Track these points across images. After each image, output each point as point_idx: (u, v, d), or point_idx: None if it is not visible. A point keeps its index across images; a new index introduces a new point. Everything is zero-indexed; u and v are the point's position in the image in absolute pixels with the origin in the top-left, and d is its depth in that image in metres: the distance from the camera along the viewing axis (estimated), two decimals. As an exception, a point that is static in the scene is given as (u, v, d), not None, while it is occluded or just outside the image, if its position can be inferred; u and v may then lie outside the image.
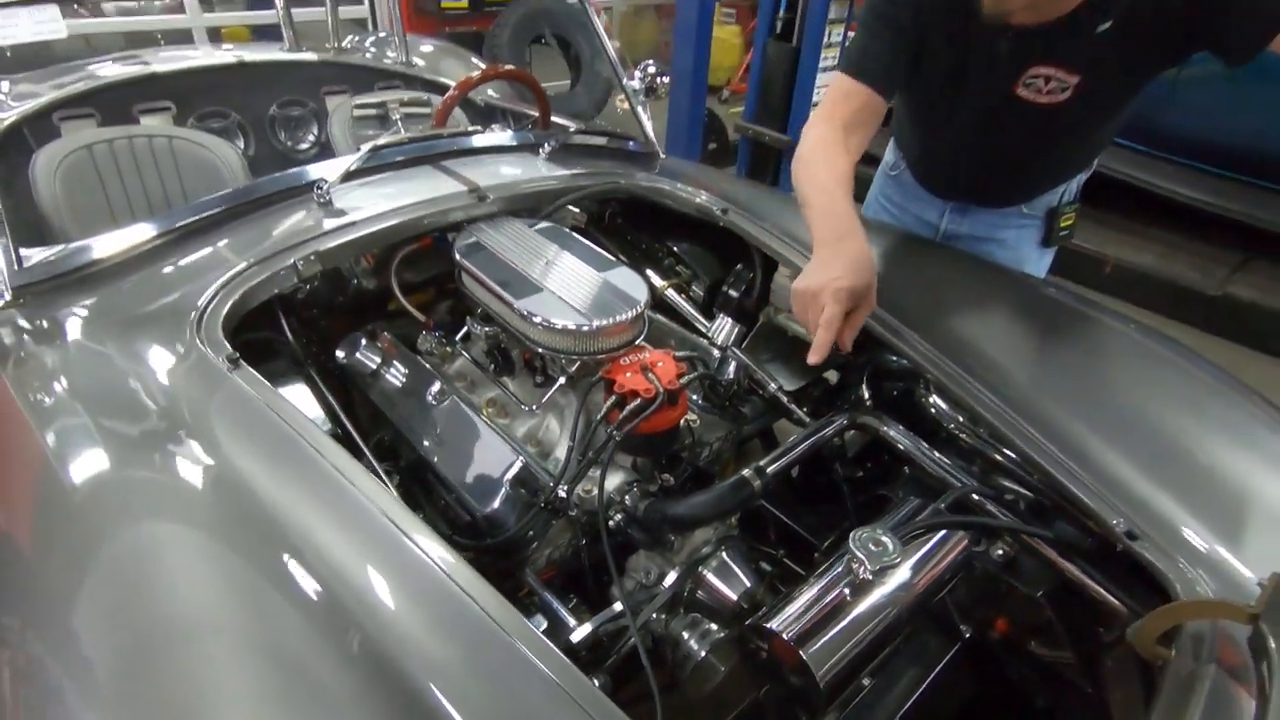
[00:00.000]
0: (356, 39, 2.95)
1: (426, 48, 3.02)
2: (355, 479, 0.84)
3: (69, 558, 0.78)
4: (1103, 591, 1.01)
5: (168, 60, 2.18)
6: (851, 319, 1.03)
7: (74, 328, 1.09)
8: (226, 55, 2.23)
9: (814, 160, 1.19)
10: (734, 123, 4.90)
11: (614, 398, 1.07)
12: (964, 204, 1.53)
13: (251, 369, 0.98)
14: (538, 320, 1.12)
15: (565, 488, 1.04)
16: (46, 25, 1.20)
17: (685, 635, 1.06)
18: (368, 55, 2.75)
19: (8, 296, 1.13)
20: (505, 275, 1.20)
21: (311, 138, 2.47)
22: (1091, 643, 1.11)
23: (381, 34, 3.33)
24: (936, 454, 1.22)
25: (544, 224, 1.38)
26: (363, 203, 1.30)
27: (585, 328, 1.10)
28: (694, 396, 1.31)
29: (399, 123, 1.51)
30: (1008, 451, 1.16)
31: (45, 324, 1.10)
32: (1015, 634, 1.18)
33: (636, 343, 1.17)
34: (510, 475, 1.06)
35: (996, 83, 1.21)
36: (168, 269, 1.17)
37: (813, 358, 1.01)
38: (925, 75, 1.29)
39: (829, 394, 1.56)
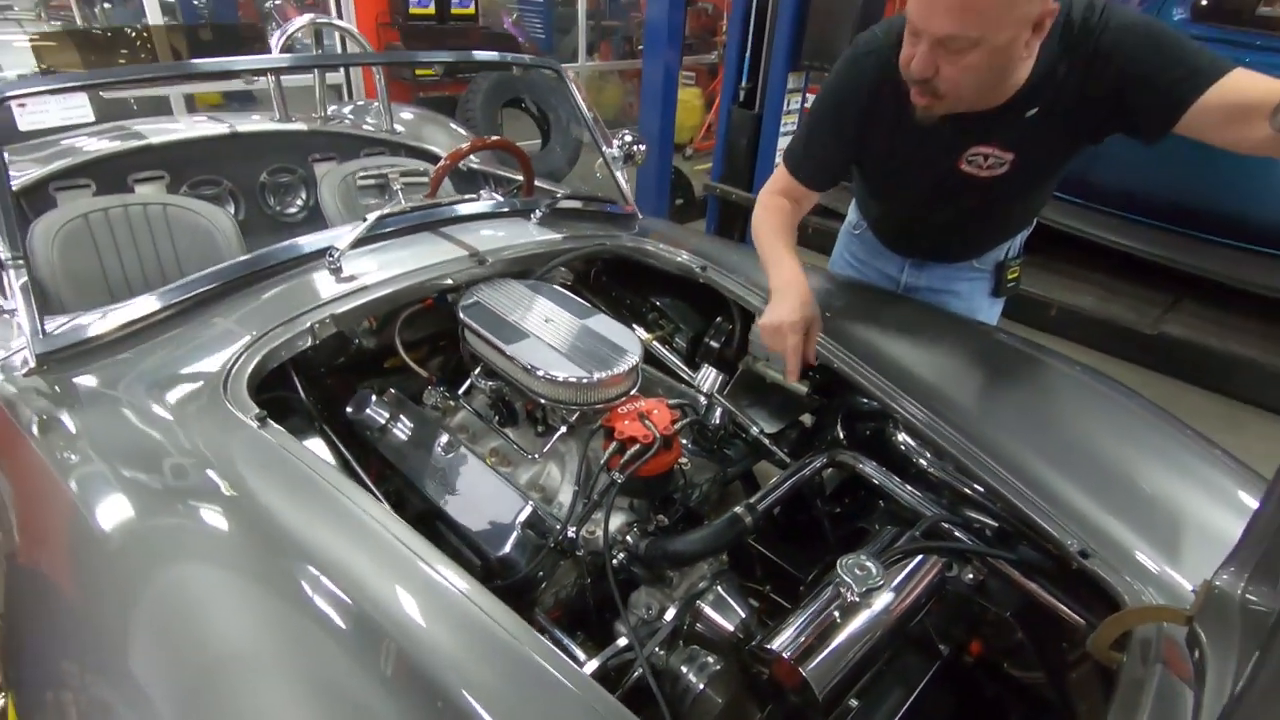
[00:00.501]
0: (336, 107, 3.08)
1: (406, 115, 3.16)
2: (385, 522, 0.91)
3: (114, 603, 0.84)
4: (1063, 607, 1.11)
5: (162, 132, 2.26)
6: (808, 340, 1.36)
7: (100, 392, 1.15)
8: (220, 126, 2.32)
9: (764, 225, 1.50)
10: (701, 181, 5.14)
11: (615, 444, 1.16)
12: (921, 260, 1.68)
13: (278, 426, 1.05)
14: (541, 374, 1.21)
15: (574, 529, 1.11)
16: (75, 111, 1.28)
17: (684, 669, 1.12)
18: (345, 122, 2.87)
19: (32, 364, 1.18)
20: (508, 333, 1.29)
21: (300, 202, 2.55)
22: (1058, 659, 1.21)
23: (360, 102, 3.47)
24: (908, 487, 1.33)
25: (540, 284, 1.49)
26: (371, 268, 1.39)
27: (586, 380, 1.20)
28: (684, 441, 1.40)
29: (399, 191, 1.61)
30: (971, 482, 1.27)
31: (71, 389, 1.15)
32: (989, 656, 1.28)
33: (632, 392, 1.27)
34: (521, 519, 1.13)
35: (942, 161, 1.37)
36: (189, 333, 1.24)
37: (790, 377, 1.36)
38: (874, 157, 1.46)
39: (805, 435, 1.67)
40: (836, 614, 0.98)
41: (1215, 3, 3.26)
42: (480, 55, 2.32)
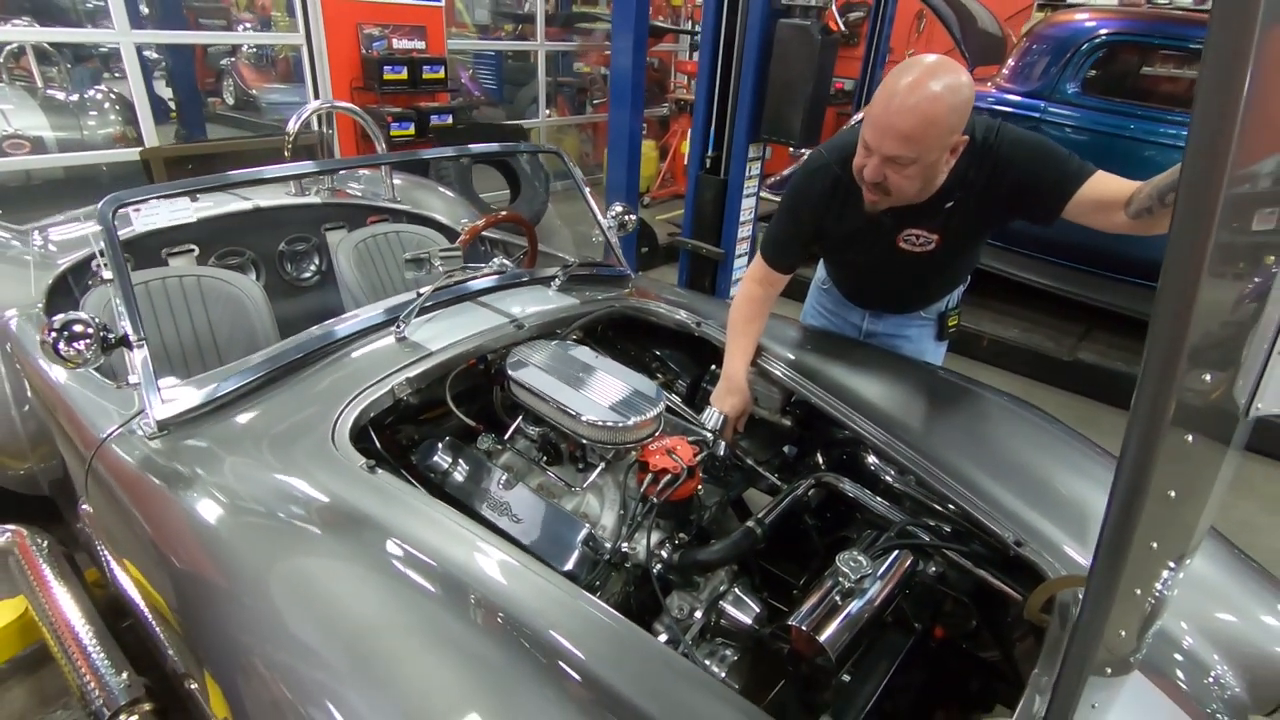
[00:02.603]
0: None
1: (397, 181, 3.42)
2: (478, 531, 1.19)
3: (270, 592, 1.10)
4: (1006, 587, 1.41)
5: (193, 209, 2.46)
6: (740, 418, 1.79)
7: (219, 446, 1.37)
8: (245, 203, 2.53)
9: (737, 314, 1.84)
10: (662, 229, 5.51)
11: (650, 475, 1.43)
12: (877, 311, 2.03)
13: (384, 472, 1.29)
14: (586, 419, 1.48)
15: (626, 545, 1.38)
16: (180, 213, 1.50)
17: (707, 661, 1.39)
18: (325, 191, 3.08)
19: (155, 429, 1.39)
20: (553, 386, 1.56)
21: (313, 268, 2.78)
22: (1006, 635, 1.51)
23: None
24: (878, 499, 1.63)
25: (570, 343, 1.76)
26: (431, 335, 1.65)
27: (624, 424, 1.47)
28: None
29: (439, 267, 1.86)
30: (927, 493, 1.57)
31: (193, 447, 1.37)
32: (950, 639, 1.58)
33: (657, 432, 1.55)
34: (581, 538, 1.38)
35: (884, 241, 1.71)
36: (285, 397, 1.47)
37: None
38: (831, 241, 1.82)
39: (786, 463, 1.97)
40: (838, 598, 1.27)
41: (1101, 78, 3.82)
42: (479, 148, 2.59)
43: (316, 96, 5.14)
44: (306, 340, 1.59)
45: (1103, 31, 3.73)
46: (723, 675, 1.36)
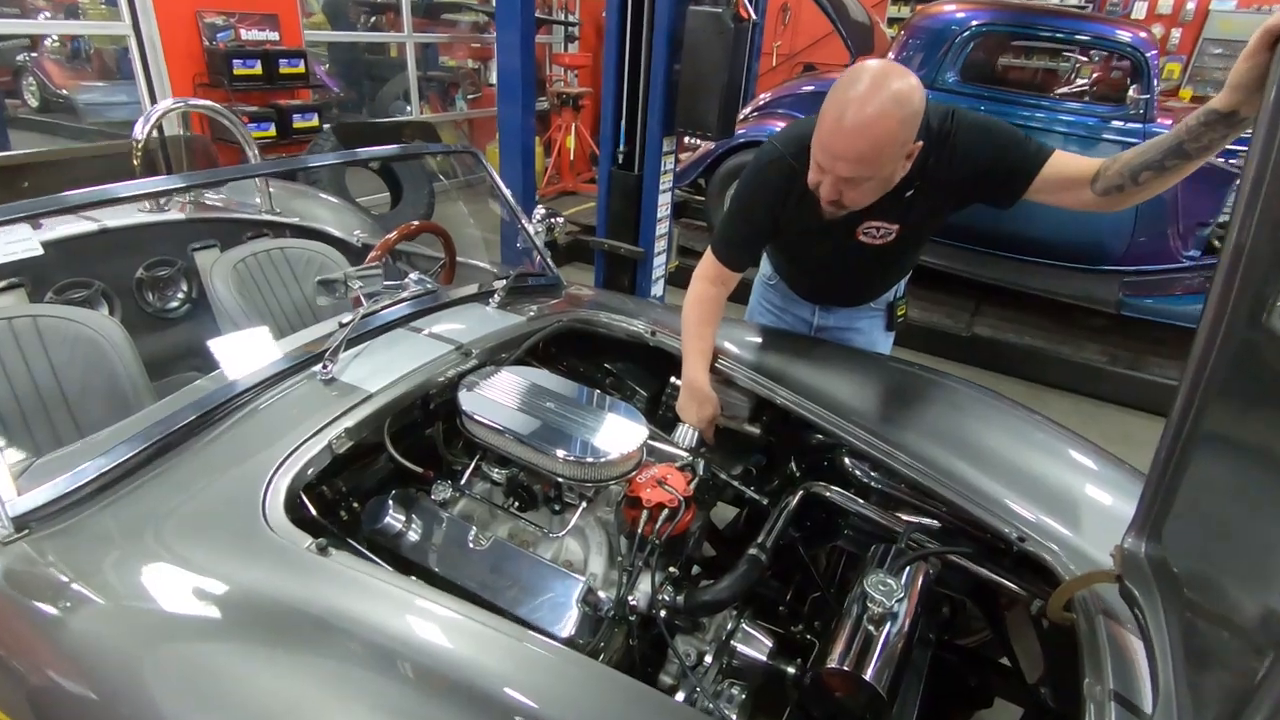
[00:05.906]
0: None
1: (273, 189, 3.02)
2: (473, 614, 0.99)
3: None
4: (1007, 583, 1.38)
5: (14, 234, 2.00)
6: (710, 424, 1.68)
7: (106, 543, 1.06)
8: (89, 224, 2.09)
9: (691, 317, 1.71)
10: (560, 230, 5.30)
11: (645, 512, 1.28)
12: (828, 305, 1.97)
13: (343, 551, 1.05)
14: (562, 455, 1.29)
15: (633, 598, 1.21)
16: (20, 244, 1.15)
17: (716, 703, 1.26)
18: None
19: (10, 529, 1.06)
20: (518, 420, 1.36)
21: (181, 296, 2.36)
22: (997, 613, 1.49)
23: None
24: (863, 501, 1.55)
25: (526, 369, 1.55)
26: (365, 373, 1.39)
27: (607, 458, 1.30)
28: None
29: (358, 288, 1.59)
30: (915, 491, 1.50)
31: (68, 545, 1.06)
32: (941, 634, 1.54)
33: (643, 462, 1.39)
34: (577, 596, 1.20)
35: (844, 234, 1.64)
36: (193, 464, 1.18)
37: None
38: (787, 236, 1.72)
39: (750, 473, 1.88)
40: (871, 627, 1.17)
41: (972, 68, 4.05)
42: (378, 151, 2.24)
43: (151, 94, 4.50)
44: (206, 397, 1.28)
45: (974, 22, 3.93)
46: (733, 718, 1.23)
